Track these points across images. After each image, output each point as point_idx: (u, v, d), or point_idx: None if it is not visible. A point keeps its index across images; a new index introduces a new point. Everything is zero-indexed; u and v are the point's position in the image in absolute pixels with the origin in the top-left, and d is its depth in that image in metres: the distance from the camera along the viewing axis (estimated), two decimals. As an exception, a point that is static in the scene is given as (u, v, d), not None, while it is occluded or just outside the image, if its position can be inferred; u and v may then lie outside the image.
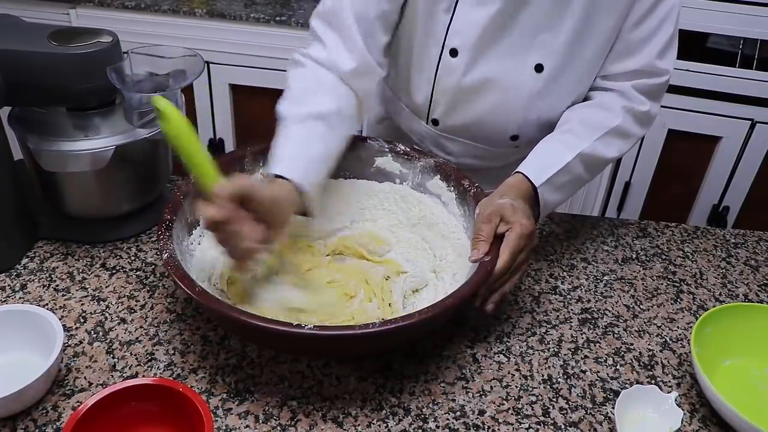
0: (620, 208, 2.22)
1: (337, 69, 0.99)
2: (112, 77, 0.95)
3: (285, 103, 0.96)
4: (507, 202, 0.91)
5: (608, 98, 1.06)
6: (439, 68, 1.06)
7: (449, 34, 1.02)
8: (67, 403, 0.81)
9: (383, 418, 0.82)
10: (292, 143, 0.92)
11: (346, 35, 0.98)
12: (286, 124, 0.93)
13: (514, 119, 1.08)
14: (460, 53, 1.02)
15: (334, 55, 0.99)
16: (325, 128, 0.94)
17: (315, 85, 0.98)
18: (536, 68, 1.02)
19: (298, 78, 0.99)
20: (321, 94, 0.97)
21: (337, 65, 0.99)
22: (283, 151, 0.90)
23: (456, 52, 1.03)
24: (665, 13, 0.99)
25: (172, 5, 2.11)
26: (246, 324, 0.76)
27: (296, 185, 0.87)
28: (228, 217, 0.78)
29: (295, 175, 0.87)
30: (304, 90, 0.97)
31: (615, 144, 1.04)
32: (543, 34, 1.00)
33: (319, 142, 0.93)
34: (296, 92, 0.97)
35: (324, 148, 0.94)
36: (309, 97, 0.96)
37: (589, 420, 0.84)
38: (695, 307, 1.04)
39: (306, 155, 0.91)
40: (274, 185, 0.86)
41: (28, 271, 1.01)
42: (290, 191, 0.86)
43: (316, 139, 0.93)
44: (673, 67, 1.04)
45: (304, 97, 0.96)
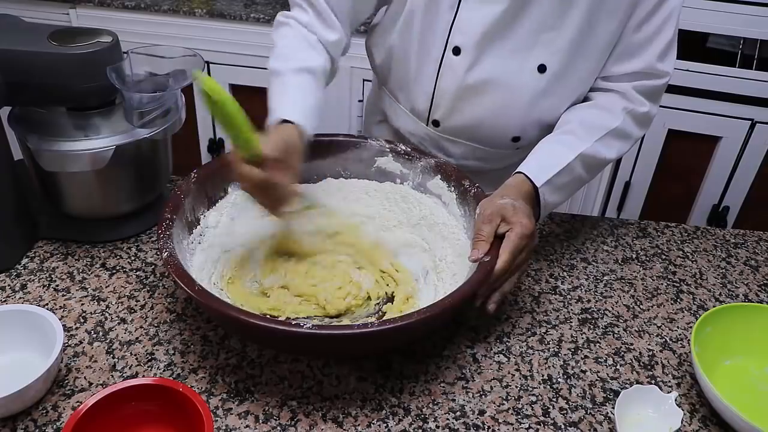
0: (620, 208, 2.22)
1: (318, 34, 1.04)
2: (112, 77, 0.95)
3: (275, 58, 1.01)
4: (508, 203, 0.91)
5: (608, 99, 1.06)
6: (441, 67, 1.06)
7: (452, 31, 1.02)
8: (67, 403, 0.81)
9: (383, 418, 0.82)
10: (293, 92, 0.97)
11: (321, 10, 1.04)
12: (281, 76, 0.98)
13: (516, 120, 1.08)
14: (463, 51, 1.02)
15: (315, 23, 1.04)
16: (314, 81, 0.99)
17: (302, 42, 1.03)
18: (539, 68, 1.02)
19: (286, 36, 1.04)
20: (309, 50, 1.02)
21: (319, 32, 1.04)
22: (285, 98, 0.95)
23: (459, 50, 1.02)
24: (666, 15, 0.99)
25: (172, 5, 2.11)
26: (245, 323, 0.76)
27: (302, 130, 0.92)
28: (274, 174, 0.85)
29: (301, 120, 0.92)
30: (294, 47, 1.02)
31: (615, 145, 1.04)
32: (546, 34, 1.00)
33: (313, 93, 0.98)
34: (286, 48, 1.02)
35: (315, 99, 0.98)
36: (299, 53, 1.01)
37: (589, 420, 0.84)
38: (695, 307, 1.04)
39: (306, 103, 0.96)
40: (286, 130, 0.90)
41: (28, 271, 1.01)
42: (299, 135, 0.91)
43: (310, 90, 0.98)
44: (672, 69, 1.05)
45: (294, 53, 1.01)
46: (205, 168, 1.01)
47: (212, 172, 1.01)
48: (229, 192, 1.03)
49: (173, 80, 1.02)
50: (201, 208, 0.99)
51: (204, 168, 1.00)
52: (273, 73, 0.98)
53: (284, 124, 0.91)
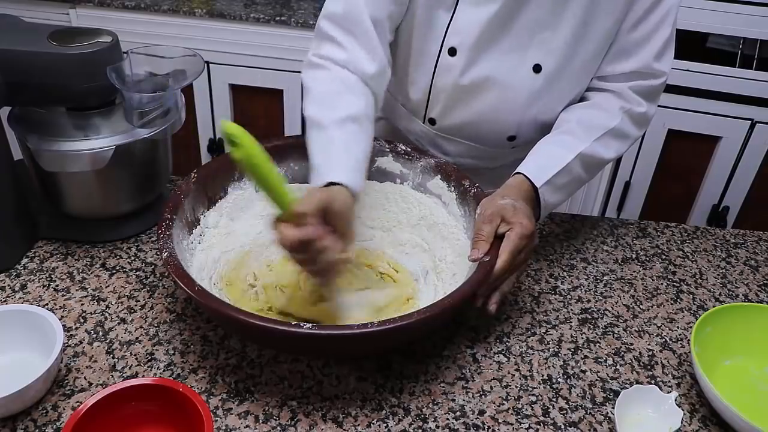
0: (620, 208, 2.22)
1: (359, 71, 0.97)
2: (112, 77, 0.95)
3: (313, 107, 0.94)
4: (508, 203, 0.91)
5: (605, 99, 1.06)
6: (437, 67, 1.06)
7: (449, 33, 1.02)
8: (67, 403, 0.81)
9: (383, 418, 0.82)
10: (338, 148, 0.90)
11: (366, 39, 0.97)
12: (324, 129, 0.91)
13: (512, 119, 1.08)
14: (458, 52, 1.02)
15: (354, 57, 0.97)
16: (359, 130, 0.93)
17: (342, 86, 0.96)
18: (534, 68, 1.02)
19: (322, 80, 0.97)
20: (349, 95, 0.95)
21: (359, 67, 0.97)
22: (332, 156, 0.89)
23: (455, 51, 1.03)
24: (663, 14, 0.99)
25: (172, 5, 2.11)
26: (245, 323, 0.76)
27: (352, 191, 0.86)
28: (316, 235, 0.78)
29: (350, 180, 0.86)
30: (333, 92, 0.95)
31: (613, 145, 1.04)
32: (542, 33, 1.00)
33: (359, 145, 0.92)
34: (324, 95, 0.95)
35: (362, 150, 0.93)
36: (339, 100, 0.94)
37: (589, 420, 0.84)
38: (695, 307, 1.04)
39: (352, 159, 0.90)
40: (332, 193, 0.84)
41: (28, 271, 1.01)
42: (349, 197, 0.85)
43: (355, 142, 0.92)
44: (670, 68, 1.04)
45: (334, 100, 0.94)
46: (205, 168, 1.01)
47: (212, 172, 1.01)
48: (229, 192, 1.03)
49: (173, 80, 1.02)
50: (201, 208, 0.99)
51: (204, 168, 1.01)
52: (313, 124, 0.92)
53: (331, 187, 0.85)
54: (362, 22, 0.96)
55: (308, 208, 0.79)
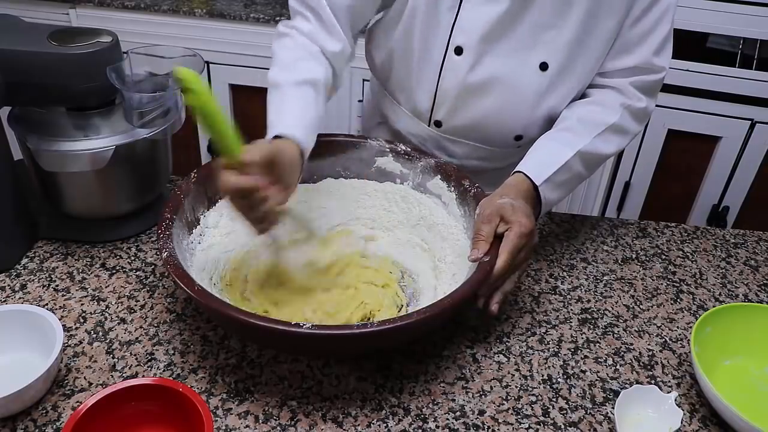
0: (620, 208, 2.22)
1: (320, 44, 1.01)
2: (112, 77, 0.95)
3: (275, 70, 0.97)
4: (507, 202, 0.91)
5: (606, 95, 1.06)
6: (443, 67, 1.05)
7: (454, 31, 1.02)
8: (67, 403, 0.81)
9: (383, 418, 0.82)
10: (292, 106, 0.93)
11: (325, 17, 1.01)
12: (281, 88, 0.94)
13: (519, 118, 1.08)
14: (465, 51, 1.02)
15: (316, 31, 1.01)
16: (315, 94, 0.96)
17: (303, 53, 0.99)
18: (541, 66, 1.02)
19: (286, 47, 1.00)
20: (310, 61, 0.99)
21: (320, 42, 1.01)
22: (284, 113, 0.92)
23: (461, 50, 1.02)
24: (662, 10, 1.00)
25: (172, 5, 2.11)
26: (245, 323, 0.76)
27: (300, 145, 0.88)
28: (258, 184, 0.79)
29: (300, 135, 0.89)
30: (294, 58, 0.99)
31: (613, 140, 1.05)
32: (548, 32, 1.00)
33: (313, 107, 0.95)
34: (286, 59, 0.99)
35: (316, 113, 0.95)
36: (300, 64, 0.97)
37: (589, 420, 0.84)
38: (695, 307, 1.04)
39: (305, 118, 0.92)
40: (281, 144, 0.86)
41: (27, 271, 1.01)
42: (296, 150, 0.88)
43: (311, 104, 0.95)
44: (669, 64, 1.05)
45: (295, 64, 0.97)
46: (205, 168, 1.01)
47: (212, 172, 1.01)
48: None
49: (173, 80, 1.02)
50: (201, 208, 0.99)
51: (204, 168, 1.00)
52: (272, 85, 0.95)
53: (281, 140, 0.87)
54: (319, 2, 1.00)
55: (254, 158, 0.80)
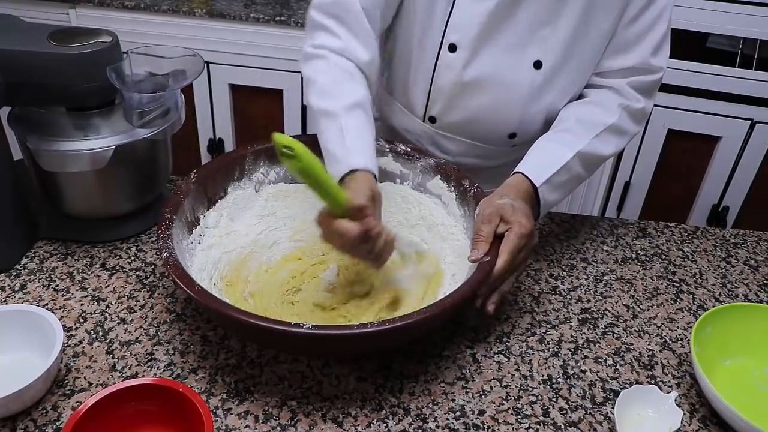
0: (620, 208, 2.22)
1: (354, 58, 0.99)
2: (112, 77, 0.95)
3: (319, 97, 0.96)
4: (507, 203, 0.91)
5: (604, 96, 1.06)
6: (437, 64, 1.06)
7: (448, 28, 1.02)
8: (66, 403, 0.81)
9: (383, 418, 0.82)
10: (352, 135, 0.92)
11: (358, 26, 0.99)
12: (335, 118, 0.93)
13: (513, 116, 1.08)
14: (459, 48, 1.02)
15: (348, 45, 0.99)
16: (366, 115, 0.96)
17: (342, 74, 0.98)
18: (535, 64, 1.02)
19: (322, 70, 0.98)
20: (351, 82, 0.97)
21: (354, 54, 0.99)
22: (348, 143, 0.91)
23: (455, 47, 1.03)
24: (659, 10, 1.00)
25: (172, 5, 2.11)
26: (244, 323, 0.76)
27: (373, 173, 0.90)
28: (375, 224, 0.84)
29: (372, 166, 0.91)
30: (335, 81, 0.97)
31: (612, 141, 1.05)
32: (542, 29, 1.00)
33: (369, 130, 0.96)
34: (328, 84, 0.97)
35: (372, 135, 0.96)
36: (343, 87, 0.96)
37: (588, 420, 0.84)
38: (695, 307, 1.04)
39: (368, 144, 0.93)
40: (365, 179, 0.88)
41: (27, 271, 1.01)
42: (375, 182, 0.90)
43: (365, 127, 0.95)
44: (666, 64, 1.05)
45: (338, 88, 0.96)
46: (204, 168, 1.01)
47: (212, 172, 1.01)
48: (229, 192, 1.03)
49: (173, 80, 1.02)
50: (201, 208, 0.99)
51: (204, 168, 1.00)
52: (324, 114, 0.94)
53: (360, 173, 0.88)
54: (351, 9, 0.98)
55: (365, 201, 0.83)
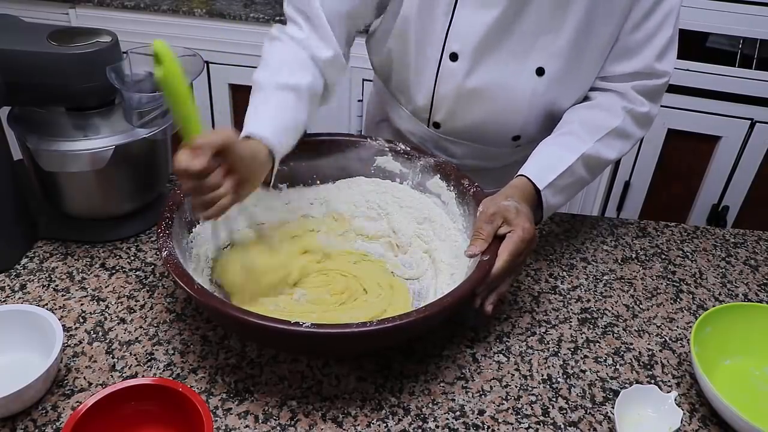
0: (620, 207, 2.22)
1: (311, 52, 1.00)
2: (112, 77, 0.95)
3: (261, 72, 0.97)
4: (512, 205, 0.91)
5: (608, 99, 1.06)
6: (439, 73, 1.05)
7: (448, 38, 1.02)
8: (66, 403, 0.81)
9: (383, 418, 0.82)
10: (268, 107, 0.93)
11: (318, 24, 1.00)
12: (262, 90, 0.94)
13: (516, 121, 1.08)
14: (460, 58, 1.02)
15: (308, 39, 1.00)
16: (296, 100, 0.95)
17: (291, 58, 0.99)
18: (537, 71, 1.02)
19: (276, 50, 1.00)
20: (296, 67, 0.98)
21: (312, 50, 1.00)
22: (259, 113, 0.92)
23: (456, 57, 1.02)
24: (664, 15, 0.99)
25: (172, 5, 2.11)
26: (244, 322, 0.76)
27: (270, 147, 0.88)
28: (205, 168, 0.78)
29: (271, 136, 0.88)
30: (281, 62, 0.98)
31: (616, 145, 1.04)
32: (544, 37, 0.99)
33: (292, 112, 0.95)
34: (273, 63, 0.98)
35: (294, 119, 0.95)
36: (285, 69, 0.97)
37: (588, 420, 0.84)
38: (695, 307, 1.04)
39: (281, 121, 0.92)
40: (250, 142, 0.86)
41: (27, 271, 1.01)
42: (264, 151, 0.87)
43: (289, 108, 0.94)
44: (672, 69, 1.04)
45: (280, 68, 0.97)
46: None
47: None
48: None
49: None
50: (200, 208, 0.99)
51: None
52: (255, 86, 0.95)
53: (252, 139, 0.87)
54: (313, 8, 0.99)
55: (207, 142, 0.79)
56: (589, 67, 1.04)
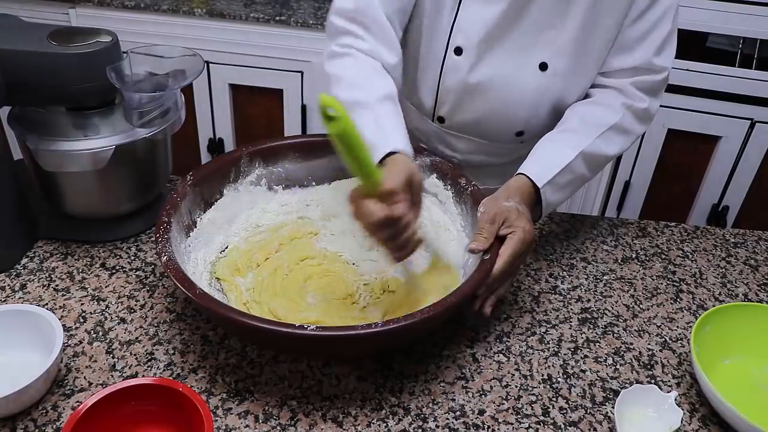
0: (620, 207, 2.22)
1: (382, 60, 0.99)
2: (112, 77, 0.95)
3: (349, 90, 0.94)
4: (513, 206, 0.91)
5: (608, 95, 1.06)
6: (444, 67, 1.06)
7: (453, 32, 1.02)
8: (66, 403, 0.81)
9: (383, 418, 0.82)
10: (389, 121, 0.91)
11: (383, 33, 0.99)
12: (368, 107, 0.92)
13: (520, 116, 1.08)
14: (464, 52, 1.02)
15: (375, 48, 0.99)
16: (397, 107, 0.95)
17: (371, 70, 0.98)
18: (541, 66, 1.02)
19: (350, 66, 0.98)
20: (381, 77, 0.97)
21: (381, 58, 0.99)
22: (386, 130, 0.90)
23: (461, 51, 1.03)
24: (663, 10, 1.00)
25: (172, 5, 2.11)
26: (248, 326, 0.76)
27: (409, 156, 0.87)
28: (404, 212, 0.79)
29: (409, 150, 0.88)
30: (365, 76, 0.97)
31: (616, 141, 1.04)
32: (547, 32, 1.00)
33: (402, 119, 0.94)
34: (356, 78, 0.96)
35: (404, 124, 0.94)
36: (373, 81, 0.96)
37: (588, 420, 0.84)
38: (695, 307, 1.04)
39: (405, 130, 0.91)
40: (403, 161, 0.85)
41: (27, 271, 1.01)
42: (415, 166, 0.86)
43: (400, 117, 0.94)
44: (671, 64, 1.05)
45: (368, 82, 0.95)
46: (201, 170, 1.00)
47: (208, 175, 1.00)
48: (225, 194, 1.03)
49: (173, 80, 1.02)
50: (197, 211, 0.99)
51: (200, 170, 1.00)
52: (355, 105, 0.91)
53: (398, 156, 0.85)
54: (377, 16, 0.98)
55: (397, 184, 0.79)
56: (592, 63, 1.04)
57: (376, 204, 0.79)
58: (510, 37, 1.01)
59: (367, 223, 0.80)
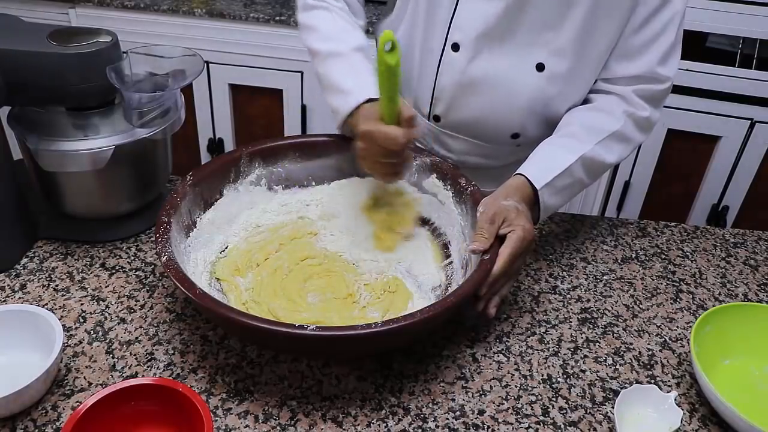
0: (620, 207, 2.22)
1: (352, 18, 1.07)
2: (112, 77, 0.95)
3: (321, 41, 1.04)
4: (512, 205, 0.91)
5: (609, 102, 1.05)
6: (441, 63, 1.06)
7: (451, 28, 1.02)
8: (66, 403, 0.81)
9: (383, 418, 0.82)
10: (364, 69, 1.01)
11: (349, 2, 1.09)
12: (343, 56, 1.02)
13: (516, 117, 1.08)
14: (462, 48, 1.03)
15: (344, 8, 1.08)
16: (369, 59, 1.02)
17: (347, 24, 1.06)
18: (538, 67, 1.02)
19: (326, 18, 1.06)
20: (356, 31, 1.07)
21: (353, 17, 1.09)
22: (362, 77, 0.99)
23: (458, 47, 1.03)
24: (667, 19, 0.98)
25: (172, 5, 2.11)
26: (248, 326, 0.76)
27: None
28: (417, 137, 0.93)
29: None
30: (341, 28, 1.05)
31: (616, 148, 1.04)
32: (546, 33, 1.00)
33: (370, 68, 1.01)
34: (333, 30, 1.05)
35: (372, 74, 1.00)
36: (349, 33, 1.05)
37: (588, 420, 0.84)
38: (695, 307, 1.04)
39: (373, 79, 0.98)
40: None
41: (27, 271, 1.01)
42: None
43: (372, 68, 1.00)
44: (675, 74, 1.04)
45: (344, 33, 1.04)
46: (201, 170, 1.00)
47: (208, 175, 1.00)
48: (225, 194, 1.03)
49: (173, 80, 1.02)
50: (197, 211, 0.99)
51: (200, 170, 1.00)
52: (331, 54, 1.01)
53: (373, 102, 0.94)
54: None
55: (414, 117, 0.90)
56: (590, 67, 1.04)
57: (398, 129, 0.89)
58: (508, 35, 1.00)
59: (386, 145, 0.90)
